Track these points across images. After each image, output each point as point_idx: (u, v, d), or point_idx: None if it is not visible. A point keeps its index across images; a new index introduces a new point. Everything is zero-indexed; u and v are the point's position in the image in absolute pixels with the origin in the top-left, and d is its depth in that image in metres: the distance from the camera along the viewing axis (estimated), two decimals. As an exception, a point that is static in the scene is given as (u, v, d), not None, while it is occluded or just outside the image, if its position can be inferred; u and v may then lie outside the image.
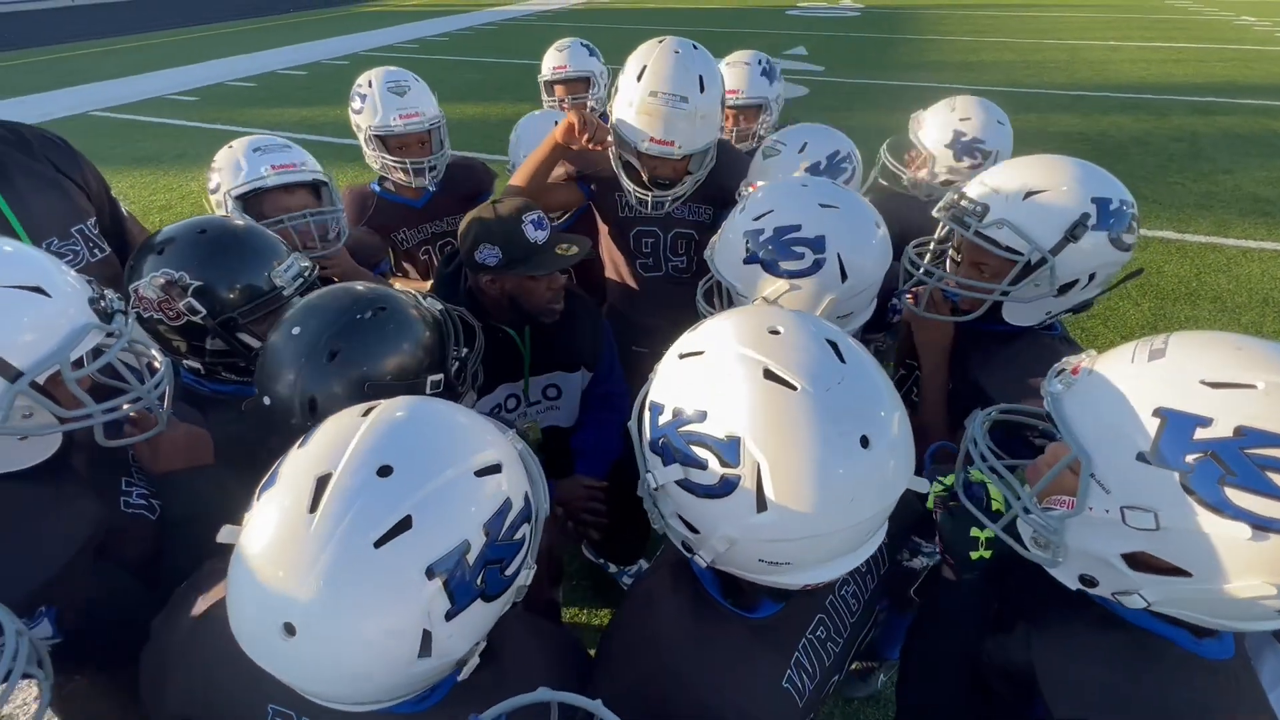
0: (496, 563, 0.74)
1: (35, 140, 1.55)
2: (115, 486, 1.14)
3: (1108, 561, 0.78)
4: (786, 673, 0.94)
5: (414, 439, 0.75)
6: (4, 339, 0.86)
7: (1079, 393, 0.82)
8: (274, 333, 1.14)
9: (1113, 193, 1.32)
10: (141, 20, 17.75)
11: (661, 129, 1.73)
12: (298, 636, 0.66)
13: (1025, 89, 9.50)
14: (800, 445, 0.76)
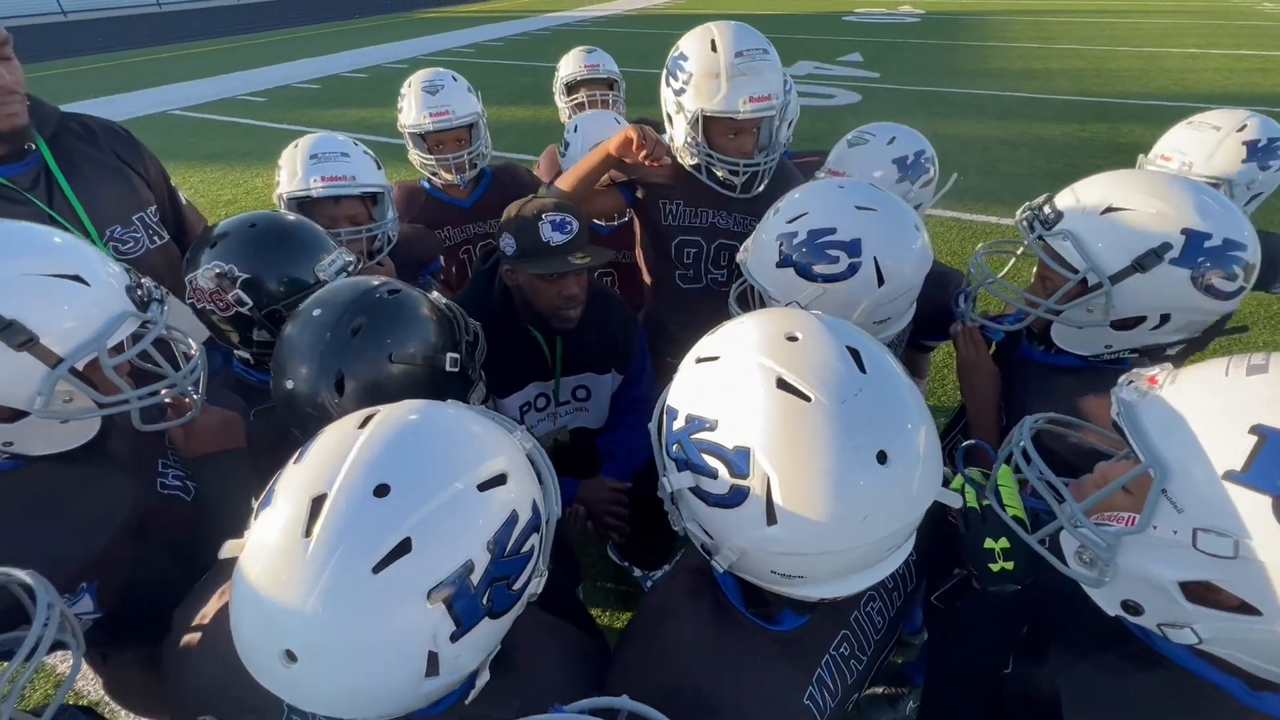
0: (503, 579, 0.71)
1: (101, 132, 1.61)
2: (152, 469, 1.16)
3: (1162, 588, 0.70)
4: (809, 689, 0.90)
5: (412, 453, 0.71)
6: (45, 327, 0.88)
7: (1157, 402, 0.74)
8: (290, 322, 1.14)
9: (1218, 229, 1.11)
10: (216, 26, 18.77)
11: (757, 84, 1.68)
12: (299, 663, 0.63)
13: (1095, 98, 9.03)
14: (811, 460, 0.71)
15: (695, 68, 1.72)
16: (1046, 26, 15.09)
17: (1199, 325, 1.20)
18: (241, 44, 15.80)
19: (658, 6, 21.94)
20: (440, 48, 14.38)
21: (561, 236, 1.58)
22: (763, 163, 1.80)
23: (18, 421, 0.92)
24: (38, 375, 0.89)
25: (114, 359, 0.94)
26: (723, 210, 1.94)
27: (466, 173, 2.36)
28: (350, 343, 1.06)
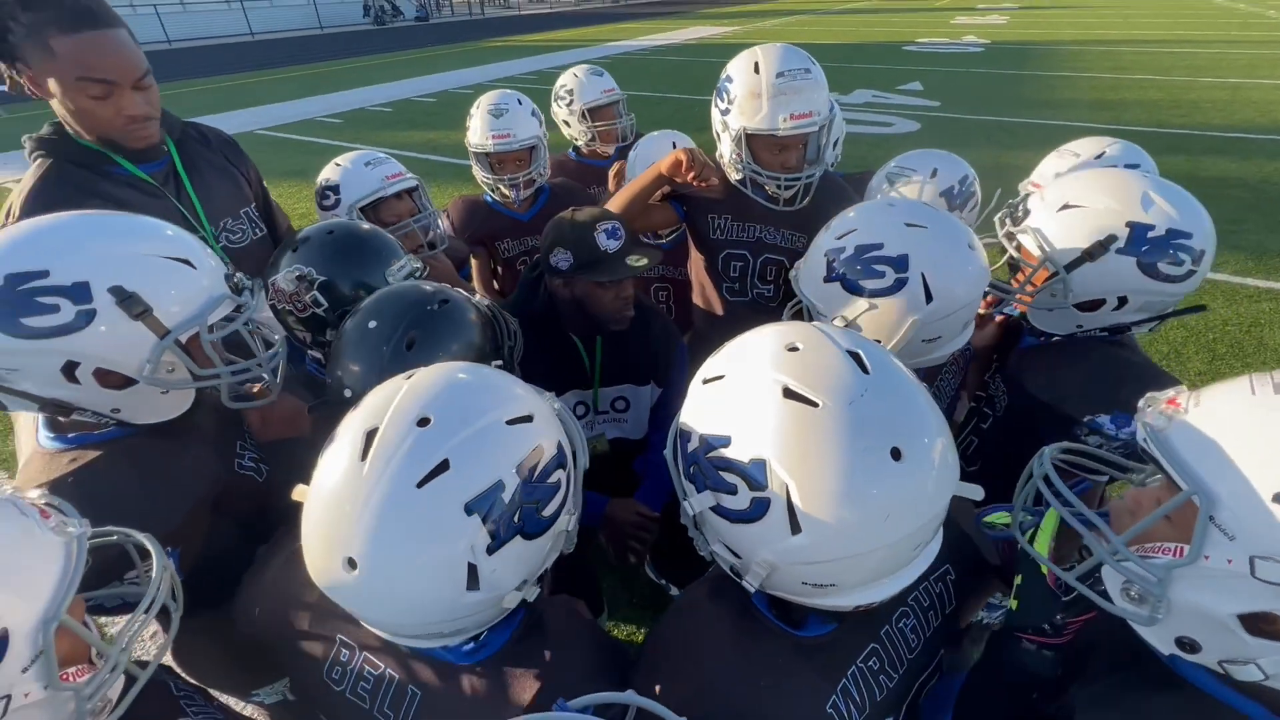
0: (532, 503, 0.79)
1: (213, 138, 1.80)
2: (231, 449, 1.26)
3: (1220, 622, 0.66)
4: (832, 698, 0.88)
5: (450, 393, 0.81)
6: (158, 300, 0.99)
7: (1187, 426, 0.71)
8: (347, 326, 1.21)
9: (1161, 221, 1.25)
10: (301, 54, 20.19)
11: (797, 102, 1.72)
12: (358, 570, 0.73)
13: (1173, 129, 8.63)
14: (827, 463, 0.72)
15: (739, 89, 1.78)
16: (1120, 57, 14.56)
17: (1159, 306, 1.33)
18: (323, 70, 16.87)
19: (716, 36, 22.31)
20: (504, 74, 14.99)
21: (615, 243, 1.63)
22: (803, 177, 1.83)
23: (126, 389, 1.02)
24: (148, 344, 0.99)
25: (212, 335, 1.04)
26: (770, 225, 1.96)
27: (524, 192, 2.46)
28: (405, 356, 1.13)
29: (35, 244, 0.94)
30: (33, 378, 0.95)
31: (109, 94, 1.40)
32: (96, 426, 1.07)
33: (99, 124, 1.44)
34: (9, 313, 0.90)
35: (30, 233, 0.96)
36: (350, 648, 0.92)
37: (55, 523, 0.73)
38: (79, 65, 1.35)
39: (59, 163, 1.47)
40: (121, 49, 1.41)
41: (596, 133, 2.94)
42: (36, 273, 0.91)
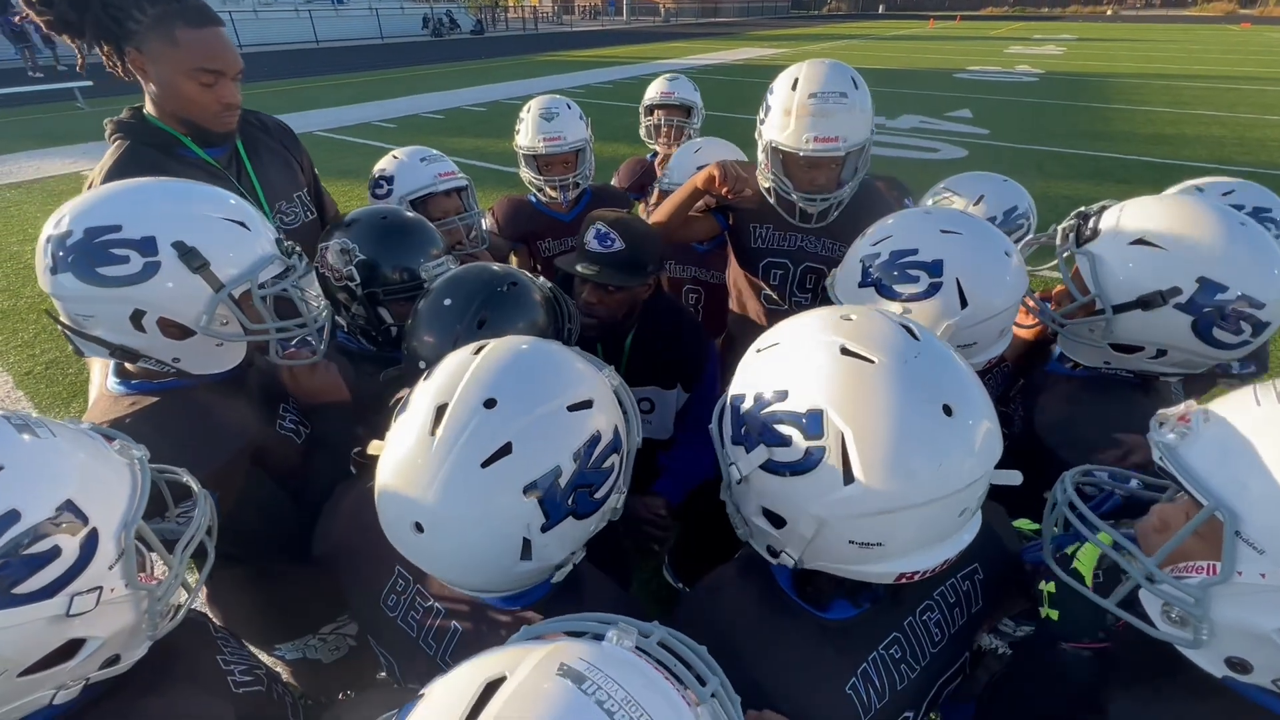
0: (586, 487, 0.82)
1: (272, 126, 1.94)
2: (274, 410, 1.33)
3: (1266, 639, 0.64)
4: (851, 680, 0.88)
5: (516, 376, 0.84)
6: (215, 256, 1.06)
7: (1203, 443, 0.70)
8: (424, 302, 1.28)
9: (1239, 283, 1.10)
10: (361, 62, 21.06)
11: (823, 126, 1.73)
12: (425, 534, 0.79)
13: (1236, 166, 8.31)
14: (884, 413, 0.74)
15: (775, 101, 1.80)
16: (1180, 91, 14.14)
17: (1198, 365, 1.21)
18: (381, 78, 17.56)
19: (764, 58, 22.46)
20: (554, 87, 15.36)
21: (600, 247, 1.68)
22: (818, 199, 1.83)
23: (186, 340, 1.09)
24: (205, 296, 1.06)
25: (262, 291, 1.12)
26: (811, 234, 1.97)
27: (570, 193, 2.53)
28: (476, 333, 1.19)
29: (110, 202, 1.03)
30: (105, 324, 1.03)
31: (215, 83, 1.57)
32: (158, 375, 1.14)
33: (196, 108, 1.59)
34: (86, 262, 0.98)
35: (106, 193, 1.05)
36: (406, 579, 1.00)
37: (119, 446, 0.80)
38: (198, 55, 1.53)
39: (135, 144, 1.61)
40: (229, 46, 1.60)
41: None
42: (111, 227, 0.99)
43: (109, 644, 0.74)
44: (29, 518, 0.65)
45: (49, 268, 0.99)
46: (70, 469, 0.71)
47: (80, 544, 0.69)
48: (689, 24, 47.74)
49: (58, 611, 0.66)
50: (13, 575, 0.64)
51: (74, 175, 8.50)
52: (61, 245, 0.99)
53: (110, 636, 0.73)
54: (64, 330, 1.06)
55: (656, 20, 51.40)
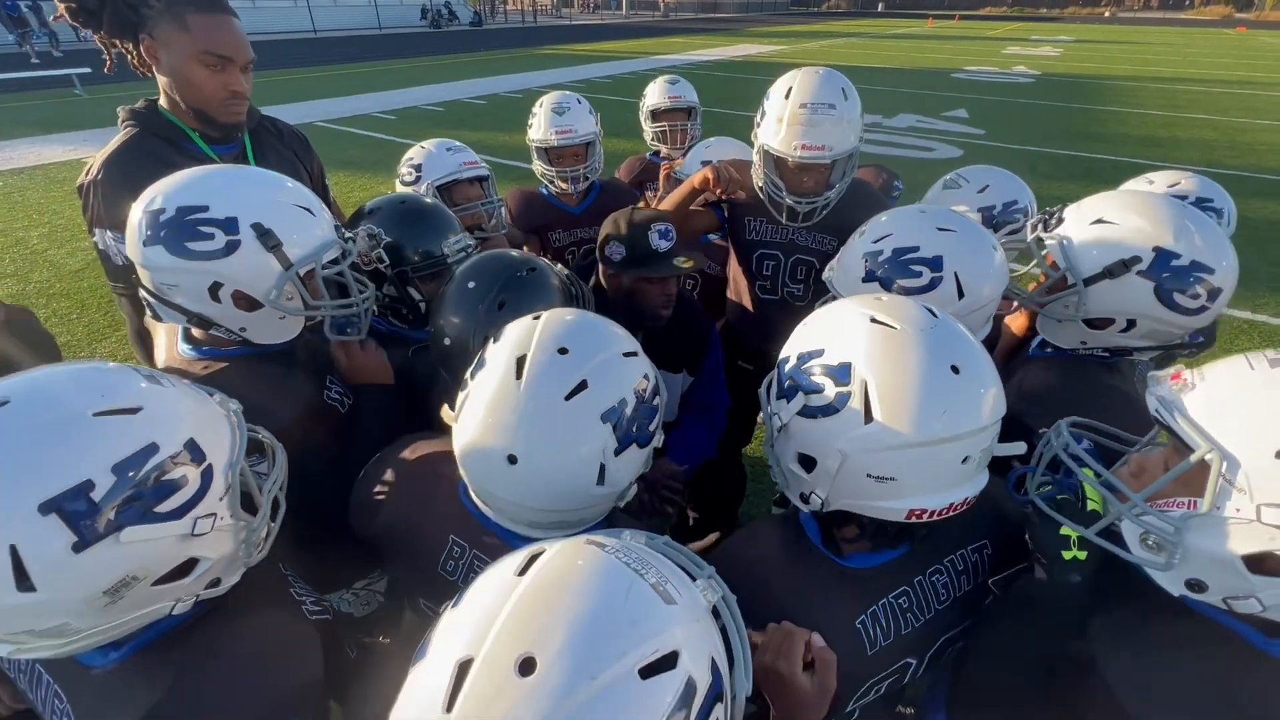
0: (644, 419, 0.99)
1: (286, 132, 2.01)
2: (322, 381, 1.44)
3: (1227, 564, 0.77)
4: (861, 617, 1.01)
5: (580, 329, 1.01)
6: (287, 239, 1.18)
7: (1198, 397, 0.83)
8: (449, 286, 1.39)
9: (1189, 251, 1.24)
10: (359, 52, 21.01)
11: (812, 135, 1.84)
12: (518, 464, 0.93)
13: (1226, 170, 8.49)
14: (901, 366, 0.89)
15: (770, 108, 1.93)
16: (1176, 95, 14.32)
17: (1165, 336, 1.34)
18: (380, 69, 17.53)
19: (762, 55, 22.51)
20: (553, 81, 15.38)
21: (666, 244, 1.78)
22: (803, 202, 1.96)
23: (254, 312, 1.21)
24: (275, 273, 1.18)
25: (325, 271, 1.24)
26: (802, 228, 2.09)
27: (580, 185, 2.64)
28: (497, 315, 1.29)
29: (200, 185, 1.15)
30: (186, 294, 1.15)
31: (223, 69, 1.63)
32: (225, 343, 1.26)
33: (203, 94, 1.65)
34: (176, 237, 1.10)
35: (196, 176, 1.17)
36: (462, 546, 1.10)
37: (219, 399, 0.92)
38: (207, 40, 1.59)
39: (144, 133, 1.69)
40: (240, 34, 1.66)
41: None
42: (199, 207, 1.11)
43: (215, 567, 0.85)
44: (164, 450, 0.77)
45: (142, 240, 1.11)
46: (189, 413, 0.83)
47: (200, 476, 0.80)
48: (688, 19, 47.65)
49: (184, 531, 0.78)
50: (154, 497, 0.75)
51: (75, 162, 8.52)
52: (155, 221, 1.10)
53: (217, 559, 0.85)
54: (145, 296, 1.18)
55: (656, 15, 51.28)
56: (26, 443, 0.70)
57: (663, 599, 0.59)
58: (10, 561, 0.68)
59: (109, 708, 0.84)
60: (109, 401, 0.76)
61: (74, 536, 0.70)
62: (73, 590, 0.72)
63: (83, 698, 0.86)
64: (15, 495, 0.68)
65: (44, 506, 0.69)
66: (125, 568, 0.74)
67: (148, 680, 0.84)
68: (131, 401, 0.77)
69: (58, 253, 5.75)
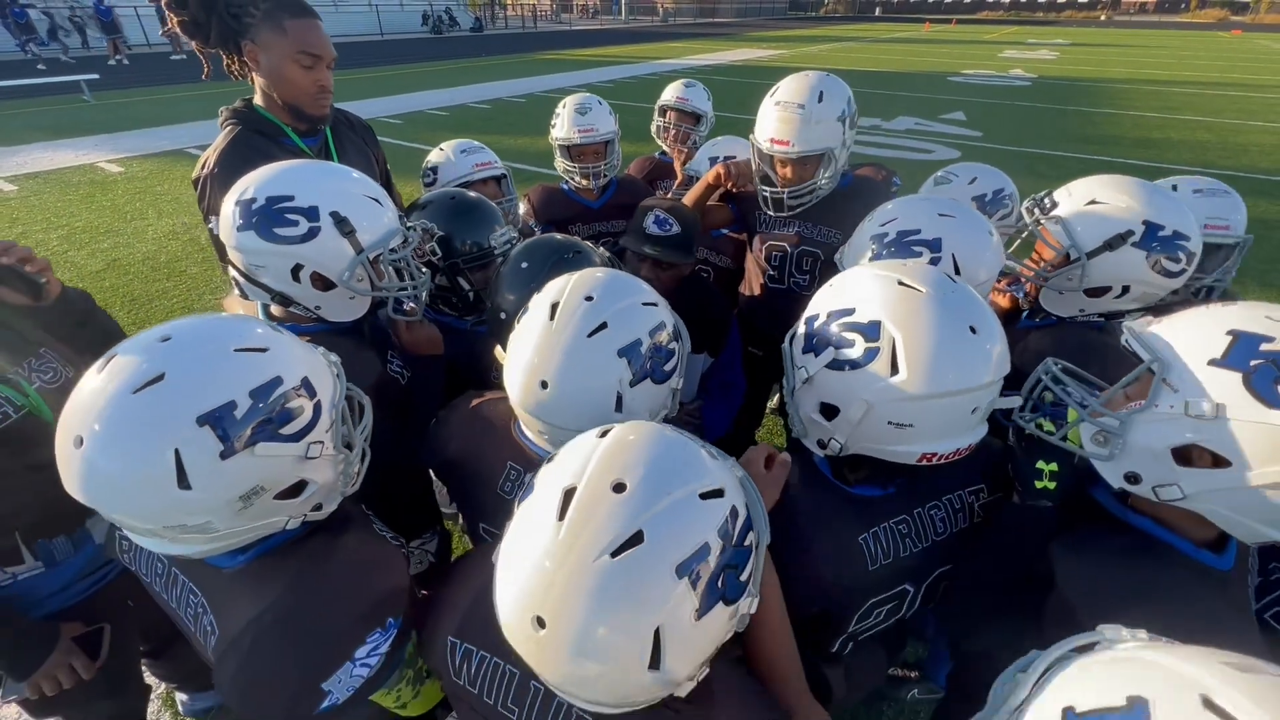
0: (659, 358, 1.13)
1: (357, 124, 2.21)
2: (384, 355, 1.58)
3: (1159, 454, 0.92)
4: (863, 535, 1.15)
5: (604, 282, 1.15)
6: (361, 227, 1.32)
7: (1157, 326, 0.98)
8: (505, 267, 1.54)
9: (1171, 223, 1.45)
10: (361, 58, 21.21)
11: (779, 130, 2.01)
12: (548, 389, 1.08)
13: (1218, 170, 8.67)
14: (926, 325, 1.00)
15: (761, 106, 2.10)
16: (1170, 97, 14.52)
17: (1152, 298, 1.53)
18: (383, 74, 17.74)
19: (761, 59, 22.73)
20: (555, 86, 15.56)
21: (658, 230, 1.95)
22: (780, 192, 2.11)
23: (328, 292, 1.35)
24: (348, 257, 1.32)
25: (392, 256, 1.38)
26: (808, 221, 2.24)
27: (600, 181, 2.79)
28: None
29: (285, 177, 1.29)
30: (271, 275, 1.29)
31: (314, 66, 1.83)
32: (302, 320, 1.40)
33: (297, 90, 1.84)
34: (266, 223, 1.24)
35: (281, 169, 1.31)
36: (518, 470, 1.27)
37: (321, 351, 1.07)
38: (302, 41, 1.80)
39: (245, 131, 1.86)
40: (325, 35, 1.86)
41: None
42: (286, 196, 1.25)
43: (318, 492, 1.00)
44: (287, 383, 0.91)
45: (236, 226, 1.25)
46: (302, 358, 0.98)
47: (313, 408, 0.95)
48: (687, 24, 47.97)
49: (300, 453, 0.92)
50: (279, 420, 0.90)
51: (88, 166, 8.68)
52: (248, 209, 1.24)
53: (321, 485, 0.99)
54: (235, 276, 1.32)
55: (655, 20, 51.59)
56: (188, 368, 0.85)
57: (709, 454, 0.81)
58: (175, 463, 0.81)
59: (239, 598, 0.99)
60: (245, 342, 0.91)
61: (221, 446, 0.84)
62: (218, 492, 0.86)
63: (215, 592, 1.02)
64: (180, 408, 0.82)
65: (201, 419, 0.82)
66: (257, 477, 0.88)
67: (271, 577, 1.00)
68: (261, 343, 0.92)
69: (78, 254, 5.89)
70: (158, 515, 0.85)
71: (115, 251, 5.96)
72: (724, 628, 0.74)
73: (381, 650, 1.05)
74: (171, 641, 1.91)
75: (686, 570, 0.68)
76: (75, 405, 0.83)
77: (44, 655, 1.36)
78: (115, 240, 6.21)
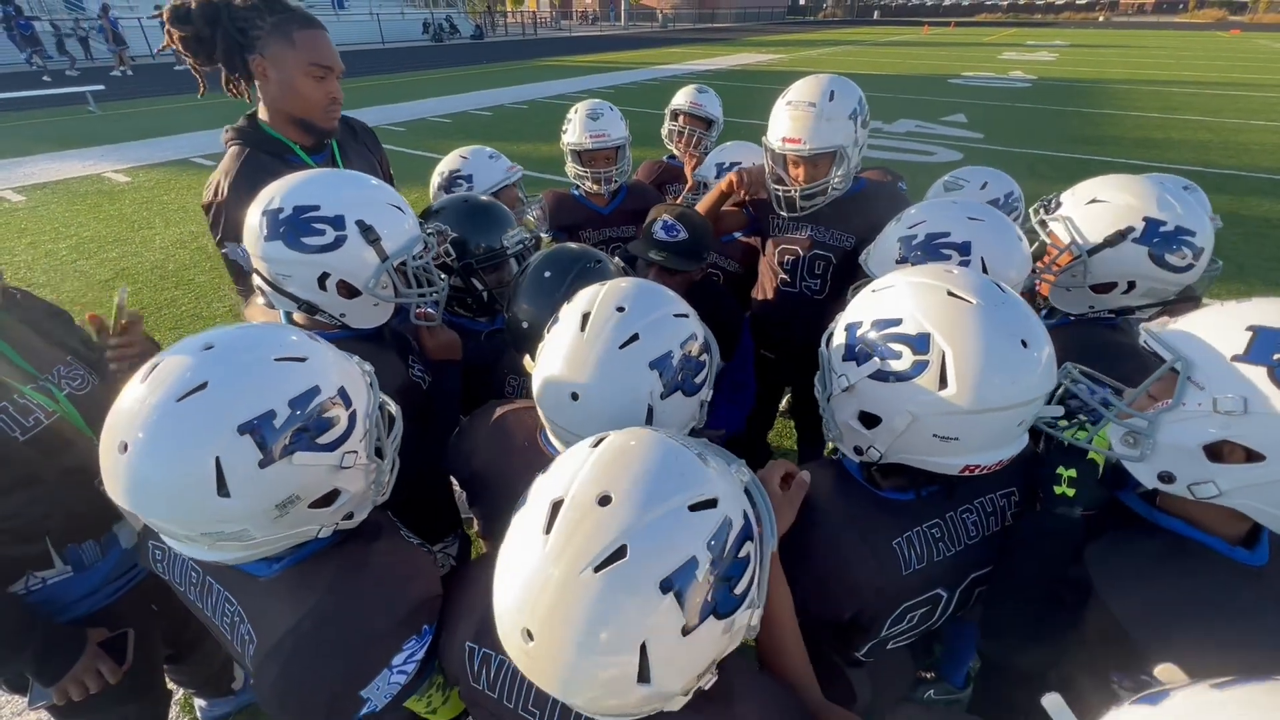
0: (690, 370, 1.10)
1: (359, 129, 2.20)
2: (406, 360, 1.59)
3: (1191, 452, 0.92)
4: (898, 539, 1.14)
5: (634, 293, 1.13)
6: (386, 235, 1.34)
7: (1176, 327, 0.99)
8: (526, 277, 1.55)
9: (1172, 219, 1.47)
10: (362, 66, 21.31)
11: (791, 128, 2.02)
12: (579, 400, 1.06)
13: (1220, 169, 8.68)
14: (977, 339, 0.98)
15: (773, 109, 2.11)
16: (1170, 97, 14.54)
17: (1162, 294, 1.53)
18: (385, 82, 17.82)
19: (760, 64, 22.80)
20: (557, 92, 15.65)
21: (666, 236, 1.97)
22: (799, 190, 2.11)
23: (353, 299, 1.36)
24: (373, 264, 1.33)
25: (415, 263, 1.39)
26: (821, 225, 2.25)
27: (610, 186, 2.81)
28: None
29: (311, 187, 1.30)
30: (298, 283, 1.30)
31: (325, 77, 1.84)
32: (326, 328, 1.40)
33: (309, 103, 1.84)
34: (293, 233, 1.25)
35: (307, 179, 1.32)
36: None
37: (356, 360, 1.07)
38: (313, 52, 1.81)
39: (253, 150, 1.86)
40: (333, 47, 1.86)
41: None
42: (312, 206, 1.27)
43: (350, 500, 1.00)
44: (324, 393, 0.92)
45: (264, 236, 1.26)
46: (339, 367, 0.99)
47: (348, 418, 0.95)
48: (686, 29, 48.17)
49: (335, 463, 0.92)
50: (316, 429, 0.91)
51: (94, 177, 8.74)
52: (275, 219, 1.26)
53: (353, 494, 1.00)
54: (261, 285, 1.33)
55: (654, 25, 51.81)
56: (229, 377, 0.86)
57: (703, 463, 0.78)
58: (215, 471, 0.82)
59: (275, 606, 1.00)
60: (285, 351, 0.92)
61: (260, 455, 0.85)
62: (257, 500, 0.86)
63: (251, 600, 1.03)
64: (221, 417, 0.83)
65: (241, 428, 0.83)
66: (293, 486, 0.89)
67: (307, 585, 1.00)
68: (301, 352, 0.93)
69: (87, 263, 5.93)
70: (197, 522, 0.86)
71: (123, 261, 6.00)
72: (718, 642, 0.73)
73: (418, 657, 1.06)
74: (193, 647, 1.92)
75: (672, 585, 0.67)
76: (120, 411, 0.84)
77: (72, 660, 1.37)
78: (123, 249, 6.25)
